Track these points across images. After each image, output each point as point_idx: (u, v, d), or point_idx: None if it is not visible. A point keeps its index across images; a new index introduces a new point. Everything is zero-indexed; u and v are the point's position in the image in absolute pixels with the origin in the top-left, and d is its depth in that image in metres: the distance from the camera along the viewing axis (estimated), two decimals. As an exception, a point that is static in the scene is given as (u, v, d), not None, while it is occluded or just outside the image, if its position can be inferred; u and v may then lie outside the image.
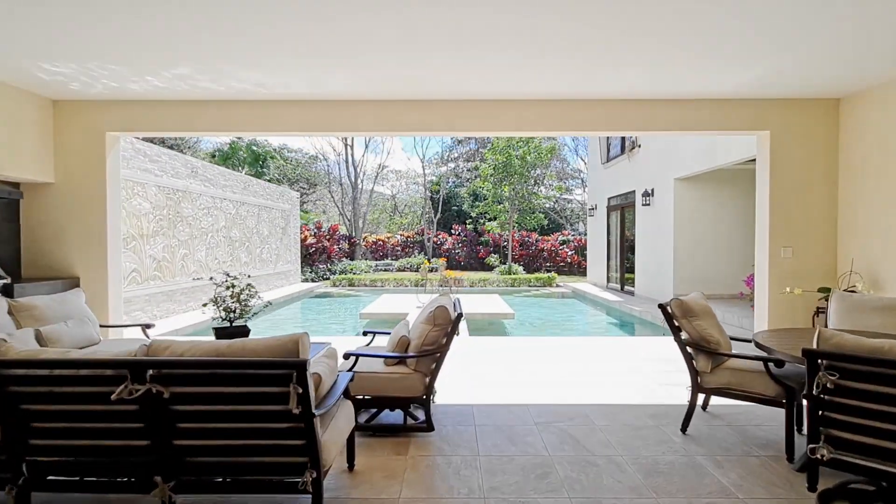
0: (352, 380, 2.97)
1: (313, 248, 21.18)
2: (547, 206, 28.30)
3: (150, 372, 2.00)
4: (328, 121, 5.91)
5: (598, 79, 5.20)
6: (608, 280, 14.31)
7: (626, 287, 13.01)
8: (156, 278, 8.41)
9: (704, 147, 8.95)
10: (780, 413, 3.49)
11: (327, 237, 22.71)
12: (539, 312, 11.54)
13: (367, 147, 30.36)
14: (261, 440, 2.15)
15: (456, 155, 35.14)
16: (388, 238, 29.25)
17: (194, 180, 9.79)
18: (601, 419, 3.79)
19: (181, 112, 5.86)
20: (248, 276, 4.10)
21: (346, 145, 29.62)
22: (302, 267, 19.64)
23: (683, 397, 4.26)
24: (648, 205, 11.25)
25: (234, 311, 3.68)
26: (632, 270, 12.61)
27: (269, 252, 13.68)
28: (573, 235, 26.82)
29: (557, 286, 16.50)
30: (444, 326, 3.51)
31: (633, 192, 12.27)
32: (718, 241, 10.14)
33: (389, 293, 14.58)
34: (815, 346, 2.31)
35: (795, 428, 3.18)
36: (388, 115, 5.91)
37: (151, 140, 24.14)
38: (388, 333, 4.14)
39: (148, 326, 4.51)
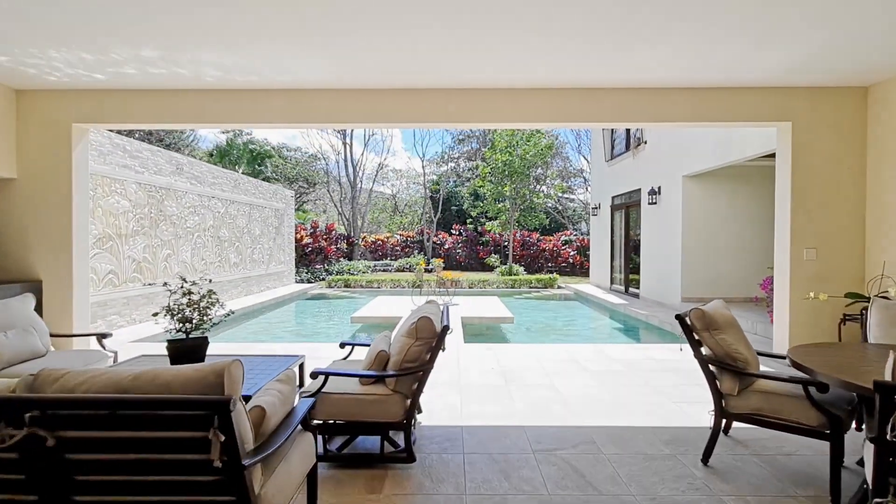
0: (313, 407, 2.51)
1: (310, 249, 20.74)
2: (548, 205, 27.79)
3: (31, 413, 1.54)
4: (312, 111, 5.45)
5: (605, 64, 4.72)
6: (612, 282, 13.82)
7: (631, 289, 12.51)
8: (135, 280, 7.98)
9: (717, 141, 8.45)
10: (814, 440, 3.01)
11: (324, 237, 22.27)
12: (540, 316, 11.06)
13: (366, 145, 29.96)
14: (180, 496, 1.69)
15: (457, 154, 34.69)
16: (388, 238, 28.81)
17: (179, 178, 9.35)
18: (609, 445, 3.32)
19: (152, 102, 5.41)
20: (209, 281, 3.68)
21: (344, 144, 29.20)
22: (298, 267, 19.21)
23: (701, 418, 3.78)
24: (655, 203, 10.75)
25: (191, 322, 3.22)
26: (637, 272, 12.12)
27: (260, 252, 13.25)
28: (576, 235, 26.33)
29: (559, 288, 16.01)
30: (428, 341, 3.04)
31: (639, 190, 11.77)
32: (730, 241, 9.63)
33: (385, 295, 14.12)
34: (891, 378, 1.83)
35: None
36: (375, 106, 5.44)
37: (147, 137, 23.81)
38: (369, 346, 3.67)
39: (104, 336, 4.06)
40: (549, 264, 23.99)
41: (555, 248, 24.11)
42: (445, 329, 3.07)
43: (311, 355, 5.88)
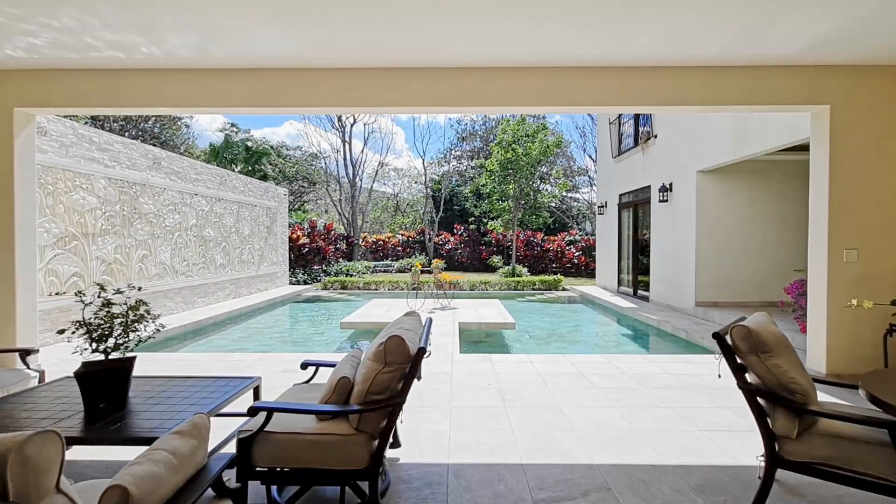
0: (236, 460, 1.88)
1: (307, 249, 20.15)
2: (552, 204, 27.09)
3: None
4: (282, 94, 4.82)
5: (611, 37, 4.07)
6: (619, 284, 13.14)
7: (640, 292, 11.84)
8: (105, 283, 7.38)
9: (735, 132, 7.77)
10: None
11: (322, 236, 21.69)
12: (544, 321, 10.41)
13: (365, 143, 29.34)
14: None
15: (459, 153, 34.06)
16: (389, 238, 28.21)
17: (157, 173, 8.75)
18: (627, 492, 2.68)
19: (104, 83, 4.80)
20: (139, 289, 3.09)
21: (343, 141, 28.59)
22: (294, 269, 18.65)
23: (737, 451, 3.13)
24: (666, 201, 10.08)
25: (106, 340, 2.60)
26: (646, 273, 11.45)
27: (250, 253, 12.65)
28: (581, 235, 25.66)
29: (564, 290, 15.34)
30: (400, 366, 2.41)
31: (648, 187, 11.10)
32: (749, 241, 8.95)
33: (381, 297, 13.51)
34: None
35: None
36: (355, 87, 4.82)
37: (140, 134, 23.27)
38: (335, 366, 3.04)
39: (27, 353, 3.44)
40: (554, 265, 23.32)
41: (559, 249, 23.43)
42: (422, 352, 2.44)
43: (289, 369, 5.27)
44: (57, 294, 6.39)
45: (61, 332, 2.54)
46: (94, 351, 2.64)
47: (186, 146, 28.25)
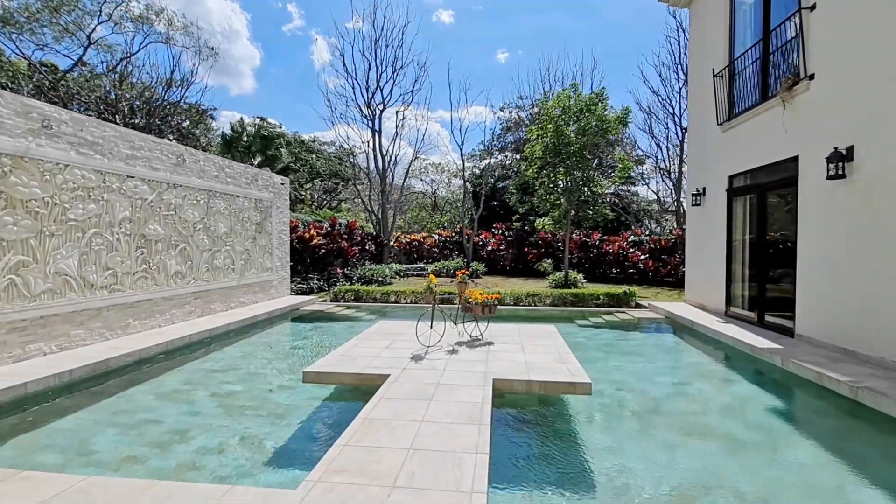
0: None
1: (323, 251, 17.35)
2: (611, 193, 22.92)
3: None
4: None
5: None
6: (730, 303, 9.22)
7: (769, 317, 7.94)
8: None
9: None
10: None
11: (344, 235, 18.86)
12: (629, 370, 6.75)
13: (397, 133, 26.38)
14: None
15: (501, 145, 30.50)
16: (424, 238, 25.14)
17: (48, 140, 5.96)
18: None
19: None
20: None
21: (373, 131, 25.75)
22: (306, 274, 15.88)
23: None
24: (840, 177, 6.18)
25: None
26: (787, 290, 7.56)
27: (228, 257, 9.82)
28: (647, 235, 21.36)
29: (638, 306, 11.52)
30: None
31: (795, 159, 7.21)
32: None
33: (395, 317, 10.32)
34: None
35: None
36: None
37: (160, 126, 21.45)
38: None
39: None
40: (613, 270, 19.26)
41: (620, 251, 19.34)
42: None
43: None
44: None
45: None
46: None
47: (207, 141, 26.50)
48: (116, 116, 20.93)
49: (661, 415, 4.98)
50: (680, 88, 23.51)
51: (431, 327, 6.36)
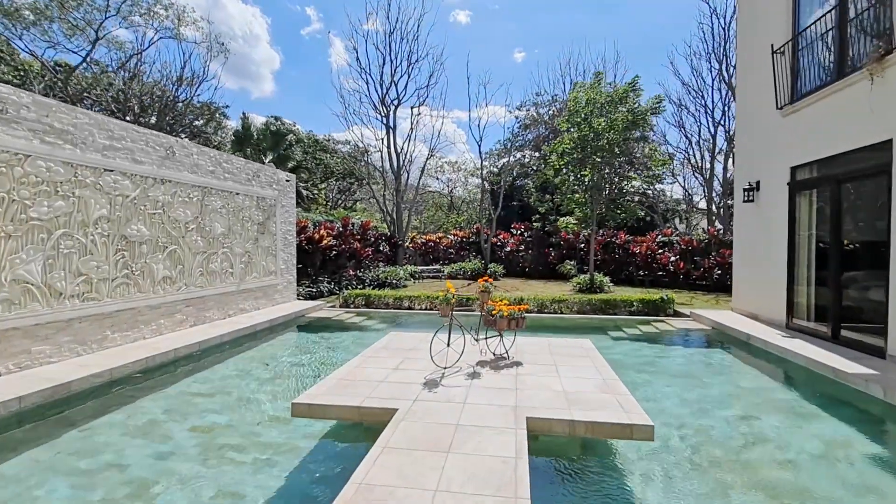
0: None
1: (335, 252, 16.50)
2: (638, 190, 21.56)
3: None
4: None
5: None
6: (791, 313, 7.99)
7: (847, 332, 6.72)
8: None
9: None
10: None
11: (357, 236, 18.01)
12: (673, 395, 5.65)
13: (412, 130, 25.44)
14: None
15: (521, 143, 29.33)
16: (440, 239, 24.16)
17: (4, 126, 5.15)
18: None
19: None
20: None
21: (388, 128, 24.87)
22: (317, 277, 15.05)
23: None
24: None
25: None
26: (870, 300, 6.34)
27: (226, 260, 8.99)
28: (678, 236, 19.94)
29: (677, 314, 10.32)
30: None
31: (888, 143, 5.99)
32: None
33: (408, 327, 9.38)
34: None
35: None
36: None
37: (171, 125, 20.75)
38: None
39: None
40: (641, 272, 17.94)
41: (649, 252, 18.01)
42: None
43: None
44: None
45: None
46: None
47: (220, 139, 26.01)
48: (127, 115, 20.51)
49: (732, 468, 3.86)
50: (713, 79, 22.06)
51: (448, 345, 5.35)
